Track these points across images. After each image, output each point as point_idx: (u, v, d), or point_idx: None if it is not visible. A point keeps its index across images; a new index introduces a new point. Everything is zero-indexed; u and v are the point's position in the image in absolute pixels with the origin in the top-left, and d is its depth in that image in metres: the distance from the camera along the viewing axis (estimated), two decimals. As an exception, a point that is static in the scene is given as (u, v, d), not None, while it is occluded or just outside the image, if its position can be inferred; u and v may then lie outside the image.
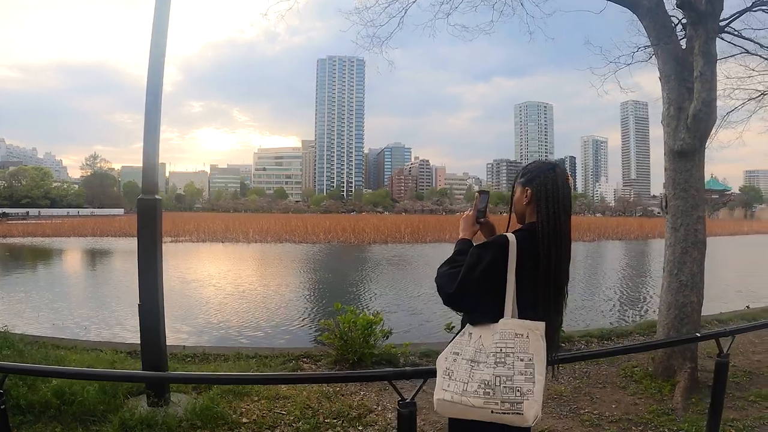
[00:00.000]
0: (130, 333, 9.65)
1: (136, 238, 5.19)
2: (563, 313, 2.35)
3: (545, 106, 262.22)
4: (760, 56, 8.67)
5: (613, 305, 14.37)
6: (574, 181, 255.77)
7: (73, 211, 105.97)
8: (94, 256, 28.87)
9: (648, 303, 14.67)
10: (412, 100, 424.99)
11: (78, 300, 14.41)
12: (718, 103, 5.80)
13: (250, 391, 5.60)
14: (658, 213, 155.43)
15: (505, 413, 2.03)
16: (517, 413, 2.02)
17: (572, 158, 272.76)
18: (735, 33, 6.46)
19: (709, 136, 5.96)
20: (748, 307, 11.02)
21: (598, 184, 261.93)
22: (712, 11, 5.38)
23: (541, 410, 2.09)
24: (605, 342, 8.27)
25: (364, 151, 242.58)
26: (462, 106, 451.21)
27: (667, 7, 6.05)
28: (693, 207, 5.82)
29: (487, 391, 2.04)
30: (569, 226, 2.26)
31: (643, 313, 13.08)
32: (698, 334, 4.12)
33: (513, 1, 8.03)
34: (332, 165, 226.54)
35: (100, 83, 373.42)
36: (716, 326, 8.72)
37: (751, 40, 7.13)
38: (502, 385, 2.04)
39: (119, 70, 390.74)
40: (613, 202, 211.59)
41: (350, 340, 6.87)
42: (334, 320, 7.15)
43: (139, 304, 5.10)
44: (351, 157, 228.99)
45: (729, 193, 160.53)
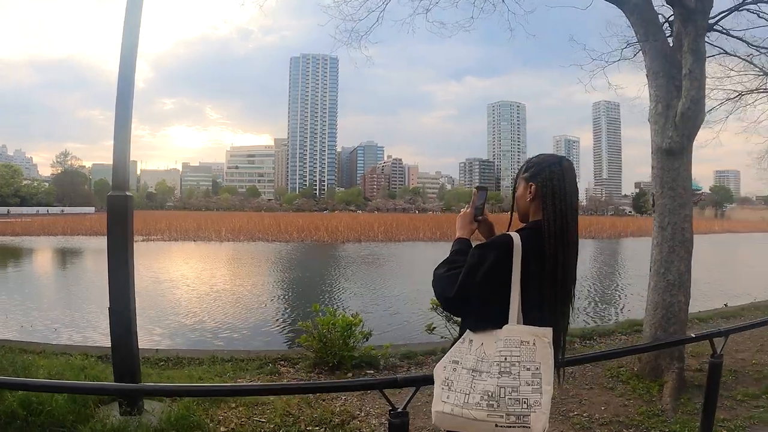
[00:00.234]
0: (102, 335, 9.30)
1: (106, 238, 4.90)
2: (570, 317, 2.21)
3: (518, 106, 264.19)
4: (739, 57, 8.73)
5: (589, 303, 14.40)
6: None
7: (42, 210, 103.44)
8: (65, 256, 28.15)
9: (625, 301, 14.80)
10: (386, 98, 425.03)
11: (48, 301, 13.94)
12: None
13: (228, 398, 5.40)
14: (630, 212, 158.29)
15: (510, 426, 1.87)
16: (524, 426, 1.87)
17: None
18: (723, 31, 6.42)
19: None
20: (726, 305, 11.13)
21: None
22: (702, 8, 5.33)
23: (548, 423, 1.93)
24: (588, 342, 8.23)
25: (337, 150, 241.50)
26: (435, 105, 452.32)
27: (654, 4, 6.01)
28: (680, 206, 5.77)
29: (491, 403, 1.88)
30: (576, 225, 2.10)
31: (621, 312, 13.14)
32: (693, 335, 4.07)
33: (494, -2, 7.92)
34: (305, 163, 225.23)
35: (72, 79, 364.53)
36: (697, 325, 8.77)
37: (740, 39, 7.14)
38: (507, 397, 1.88)
39: (91, 65, 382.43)
40: (585, 201, 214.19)
41: (329, 342, 6.67)
42: (312, 322, 6.92)
43: (110, 308, 4.82)
44: (324, 155, 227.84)
45: (700, 192, 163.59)
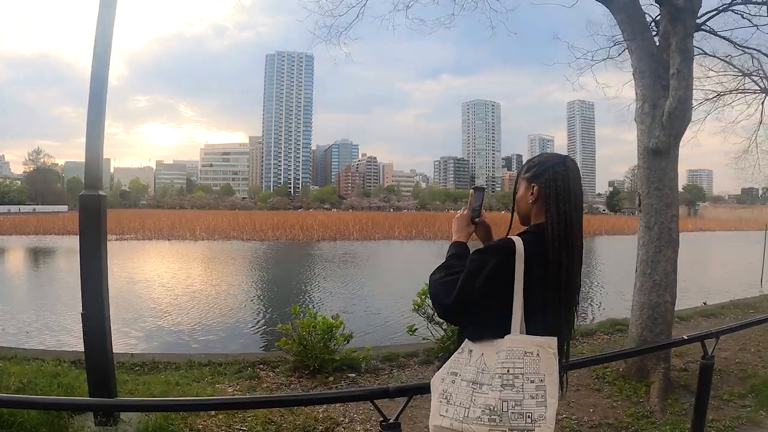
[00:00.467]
0: (75, 339, 8.97)
1: (79, 238, 4.68)
2: (575, 325, 2.11)
3: (493, 105, 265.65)
4: (718, 57, 8.81)
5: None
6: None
7: (14, 208, 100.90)
8: (37, 256, 27.49)
9: (604, 300, 14.88)
10: (361, 96, 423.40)
11: (20, 303, 13.57)
12: None
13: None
14: (604, 210, 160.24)
15: None
16: None
17: (519, 156, 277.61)
18: (710, 31, 6.43)
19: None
20: (705, 304, 11.24)
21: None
22: (691, 8, 5.33)
23: None
24: (570, 342, 8.20)
25: (312, 148, 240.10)
26: (410, 104, 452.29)
27: (641, 3, 5.98)
28: (667, 205, 5.76)
29: (493, 417, 1.78)
30: (581, 228, 1.99)
31: (601, 311, 13.18)
32: (685, 337, 4.03)
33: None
34: (279, 161, 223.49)
35: (45, 76, 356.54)
36: (678, 323, 8.81)
37: (727, 39, 7.16)
38: (510, 411, 1.78)
39: (64, 61, 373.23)
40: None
41: (310, 345, 6.51)
42: (292, 324, 6.76)
43: (83, 313, 4.60)
44: (298, 153, 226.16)
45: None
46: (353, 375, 6.61)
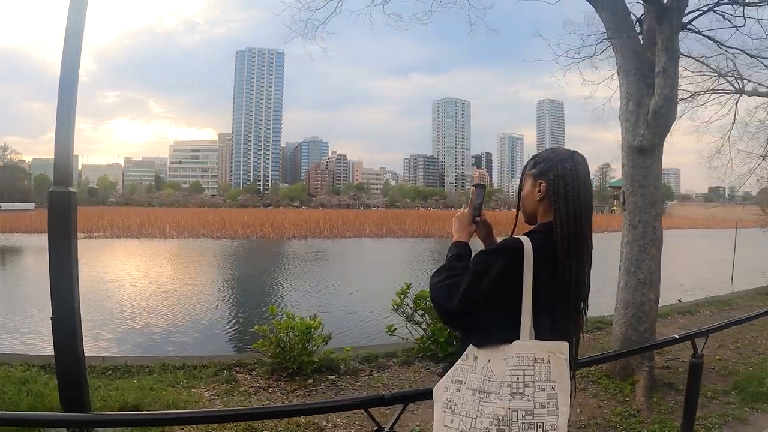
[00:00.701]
0: (44, 342, 8.71)
1: (47, 237, 4.42)
2: (584, 329, 2.00)
3: (463, 103, 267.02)
4: (693, 58, 8.88)
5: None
6: (490, 177, 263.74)
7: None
8: (4, 255, 26.70)
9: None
10: (331, 93, 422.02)
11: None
12: None
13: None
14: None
15: None
16: None
17: (488, 154, 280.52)
18: (695, 30, 6.45)
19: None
20: (680, 301, 11.36)
21: (513, 180, 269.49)
22: (677, 6, 5.33)
23: None
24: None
25: (282, 145, 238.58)
26: (380, 101, 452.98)
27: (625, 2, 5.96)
28: (651, 204, 5.75)
29: (502, 428, 1.68)
30: (591, 226, 1.88)
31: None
32: (677, 336, 3.99)
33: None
34: (249, 159, 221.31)
35: (11, 70, 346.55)
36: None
37: (712, 39, 7.21)
38: (520, 421, 1.67)
39: (32, 56, 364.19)
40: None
41: (288, 347, 6.35)
42: (269, 325, 6.58)
43: (53, 317, 4.35)
44: (268, 150, 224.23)
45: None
46: (333, 377, 6.48)
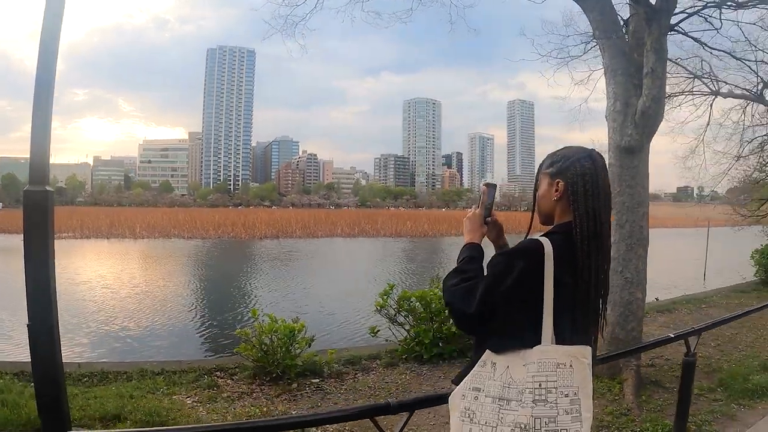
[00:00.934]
0: (17, 347, 8.35)
1: (23, 239, 4.19)
2: (603, 331, 1.94)
3: (434, 103, 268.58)
4: (670, 60, 8.98)
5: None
6: (461, 177, 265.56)
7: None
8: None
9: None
10: (301, 93, 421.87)
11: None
12: None
13: (167, 419, 4.89)
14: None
15: None
16: None
17: (459, 154, 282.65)
18: (682, 32, 6.50)
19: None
20: (657, 299, 11.47)
21: (484, 179, 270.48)
22: (666, 8, 5.36)
23: None
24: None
25: (252, 144, 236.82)
26: (351, 100, 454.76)
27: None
28: (639, 203, 5.79)
29: None
30: (610, 227, 1.83)
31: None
32: (672, 335, 4.00)
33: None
34: (219, 158, 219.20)
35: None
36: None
37: (698, 41, 7.29)
38: (543, 428, 1.62)
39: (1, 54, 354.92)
40: (499, 197, 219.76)
41: (271, 350, 6.21)
42: (251, 328, 6.43)
43: (29, 324, 4.14)
44: (238, 150, 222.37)
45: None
46: (317, 380, 6.37)
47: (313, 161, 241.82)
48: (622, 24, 6.06)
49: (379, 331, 7.35)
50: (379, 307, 7.33)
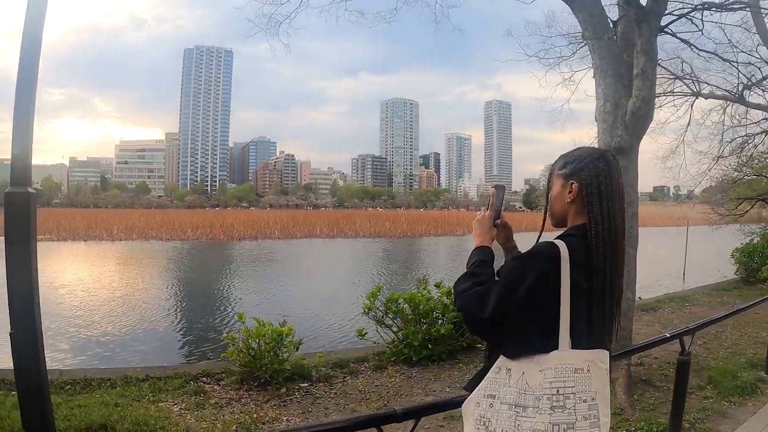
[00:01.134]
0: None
1: (4, 242, 4.06)
2: (618, 335, 1.90)
3: (411, 103, 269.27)
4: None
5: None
6: (438, 178, 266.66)
7: None
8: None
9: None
10: (279, 93, 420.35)
11: None
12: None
13: (155, 428, 4.78)
14: (521, 208, 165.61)
15: None
16: None
17: (436, 154, 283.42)
18: (671, 33, 6.54)
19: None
20: (640, 298, 11.55)
21: (461, 179, 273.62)
22: (657, 10, 5.40)
23: None
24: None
25: (229, 145, 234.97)
26: (328, 101, 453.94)
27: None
28: (628, 204, 5.73)
29: None
30: (624, 229, 1.80)
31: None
32: (668, 334, 4.03)
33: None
34: (196, 159, 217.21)
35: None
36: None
37: (687, 42, 7.34)
38: None
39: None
40: (477, 197, 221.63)
41: (258, 355, 6.11)
42: (238, 333, 6.32)
43: (11, 333, 3.99)
44: (216, 150, 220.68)
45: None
46: (305, 384, 6.28)
47: (291, 162, 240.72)
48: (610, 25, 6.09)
49: (366, 333, 7.28)
50: (366, 309, 7.28)
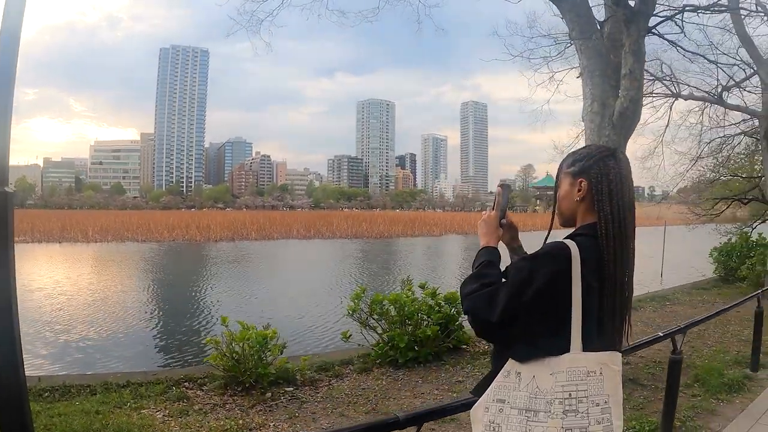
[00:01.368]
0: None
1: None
2: (628, 336, 1.84)
3: (387, 104, 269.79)
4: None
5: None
6: (414, 178, 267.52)
7: None
8: None
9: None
10: (255, 93, 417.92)
11: None
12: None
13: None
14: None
15: None
16: None
17: (412, 155, 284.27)
18: (658, 34, 6.58)
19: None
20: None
21: (437, 180, 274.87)
22: (645, 11, 5.42)
23: None
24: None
25: (205, 146, 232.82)
26: (304, 101, 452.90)
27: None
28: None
29: None
30: (634, 228, 1.75)
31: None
32: (661, 334, 4.04)
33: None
34: (172, 159, 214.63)
35: None
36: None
37: (674, 44, 7.40)
38: None
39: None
40: (453, 198, 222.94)
41: (242, 359, 5.97)
42: (221, 336, 6.19)
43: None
44: (191, 151, 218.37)
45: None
46: (291, 389, 6.15)
47: (267, 162, 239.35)
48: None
49: (351, 335, 7.21)
50: (351, 311, 7.22)
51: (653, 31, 6.21)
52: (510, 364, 1.67)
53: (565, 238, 1.69)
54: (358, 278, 19.83)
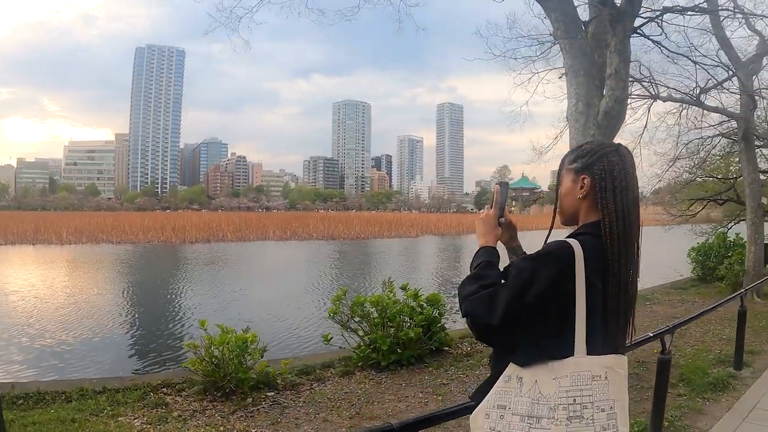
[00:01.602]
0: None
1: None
2: (632, 337, 1.78)
3: (363, 105, 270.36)
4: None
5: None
6: (390, 179, 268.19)
7: None
8: None
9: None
10: (230, 94, 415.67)
11: None
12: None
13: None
14: (472, 209, 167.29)
15: None
16: None
17: (388, 156, 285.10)
18: (643, 35, 6.61)
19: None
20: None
21: (413, 181, 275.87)
22: (631, 11, 5.43)
23: None
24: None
25: (180, 147, 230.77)
26: (280, 102, 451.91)
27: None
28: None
29: None
30: (638, 226, 1.69)
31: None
32: (651, 333, 3.99)
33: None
34: (147, 160, 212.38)
35: None
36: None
37: (659, 44, 7.42)
38: None
39: None
40: (428, 199, 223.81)
41: (222, 363, 5.82)
42: (200, 340, 6.02)
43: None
44: (166, 152, 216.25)
45: (539, 191, 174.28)
46: (272, 393, 6.03)
47: (242, 163, 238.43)
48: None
49: (332, 338, 7.10)
50: (332, 314, 7.11)
51: (638, 31, 6.23)
52: (511, 368, 1.60)
53: (568, 237, 1.63)
54: (337, 280, 19.75)
